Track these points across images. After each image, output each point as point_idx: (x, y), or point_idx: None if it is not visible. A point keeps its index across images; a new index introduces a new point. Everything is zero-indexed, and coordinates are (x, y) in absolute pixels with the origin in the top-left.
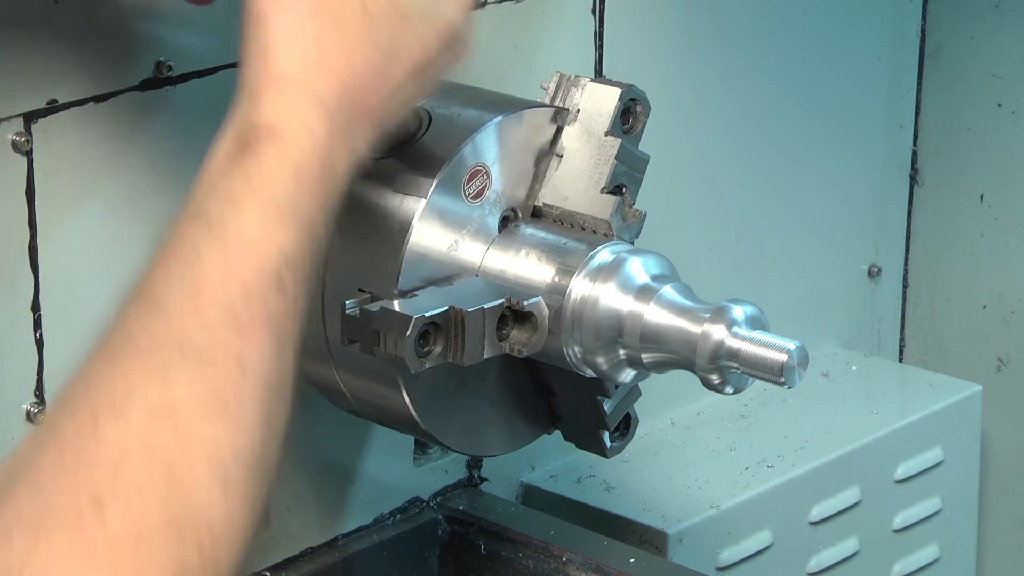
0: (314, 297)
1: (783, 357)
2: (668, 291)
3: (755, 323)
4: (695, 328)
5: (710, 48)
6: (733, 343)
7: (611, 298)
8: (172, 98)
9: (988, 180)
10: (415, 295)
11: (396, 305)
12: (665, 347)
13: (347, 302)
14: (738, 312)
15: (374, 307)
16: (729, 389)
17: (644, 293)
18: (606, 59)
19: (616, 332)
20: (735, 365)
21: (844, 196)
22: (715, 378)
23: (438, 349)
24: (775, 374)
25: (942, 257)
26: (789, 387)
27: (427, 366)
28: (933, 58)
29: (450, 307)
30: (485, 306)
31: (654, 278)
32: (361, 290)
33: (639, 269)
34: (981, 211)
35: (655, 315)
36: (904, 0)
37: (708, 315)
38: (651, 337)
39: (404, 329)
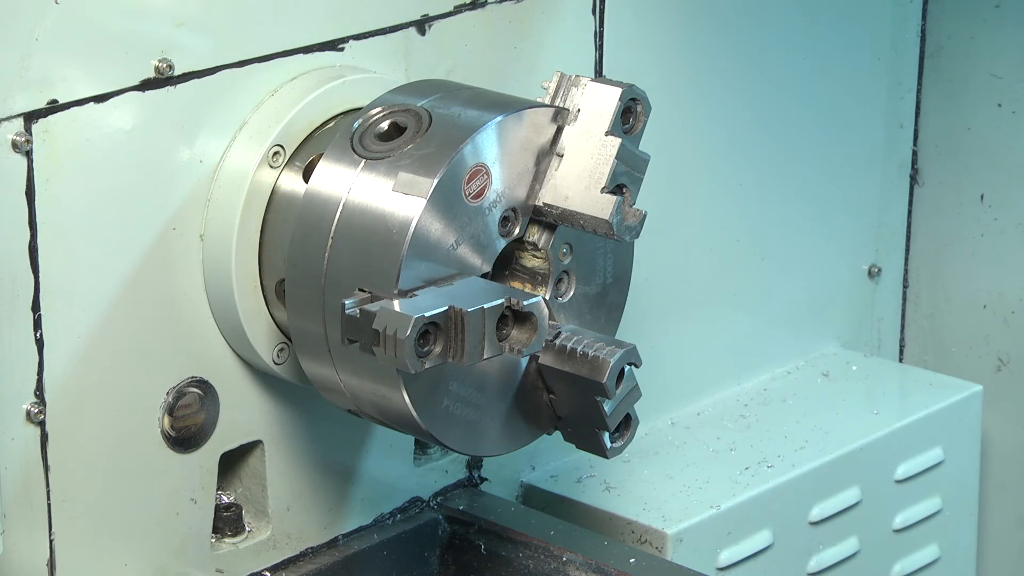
0: (314, 297)
1: None
2: None
3: None
4: None
5: (710, 48)
6: None
7: None
8: (172, 98)
9: (988, 180)
10: (415, 295)
11: (396, 305)
12: None
13: (347, 302)
14: None
15: (374, 307)
16: None
17: None
18: (606, 59)
19: None
20: None
21: (844, 196)
22: None
23: (438, 349)
24: None
25: (942, 257)
26: None
27: (427, 366)
28: (933, 58)
29: (450, 307)
30: (485, 306)
31: None
32: (361, 290)
33: None
34: (981, 211)
35: None
36: (904, 0)
37: None
38: None
39: (404, 329)
